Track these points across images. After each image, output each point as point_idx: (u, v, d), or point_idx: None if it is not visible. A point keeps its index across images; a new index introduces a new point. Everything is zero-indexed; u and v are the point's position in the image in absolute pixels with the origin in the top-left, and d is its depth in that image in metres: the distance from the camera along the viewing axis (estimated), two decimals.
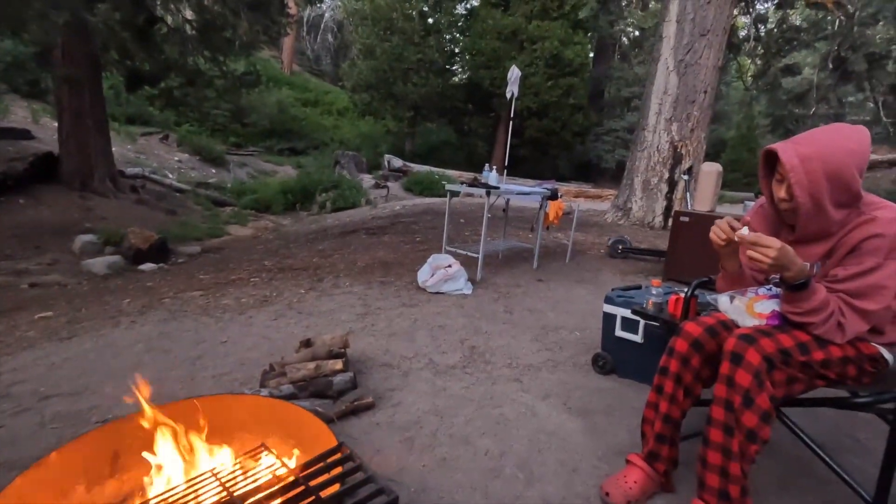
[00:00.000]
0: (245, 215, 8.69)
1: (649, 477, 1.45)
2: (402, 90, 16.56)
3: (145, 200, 7.83)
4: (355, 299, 3.25)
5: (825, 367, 1.27)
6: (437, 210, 7.48)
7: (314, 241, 5.63)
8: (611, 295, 2.34)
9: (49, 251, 5.18)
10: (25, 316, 3.04)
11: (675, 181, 6.80)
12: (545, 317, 3.11)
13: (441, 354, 2.46)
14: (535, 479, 1.55)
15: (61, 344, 2.51)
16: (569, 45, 16.39)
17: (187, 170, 11.42)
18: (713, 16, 6.51)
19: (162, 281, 4.03)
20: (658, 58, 6.90)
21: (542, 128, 16.98)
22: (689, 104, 6.68)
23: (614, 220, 7.26)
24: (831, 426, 1.96)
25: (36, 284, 4.18)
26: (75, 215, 6.31)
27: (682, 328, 1.44)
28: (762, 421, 1.19)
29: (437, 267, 3.50)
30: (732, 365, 1.23)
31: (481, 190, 3.71)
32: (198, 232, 6.82)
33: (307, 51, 27.55)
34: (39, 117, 9.67)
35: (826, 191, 1.23)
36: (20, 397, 1.95)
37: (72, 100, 6.83)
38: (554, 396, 2.09)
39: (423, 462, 1.61)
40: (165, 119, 13.39)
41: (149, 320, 2.86)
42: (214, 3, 6.71)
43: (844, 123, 1.32)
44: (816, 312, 1.24)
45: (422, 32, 16.84)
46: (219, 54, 7.41)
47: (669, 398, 1.43)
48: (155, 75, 7.50)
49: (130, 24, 5.97)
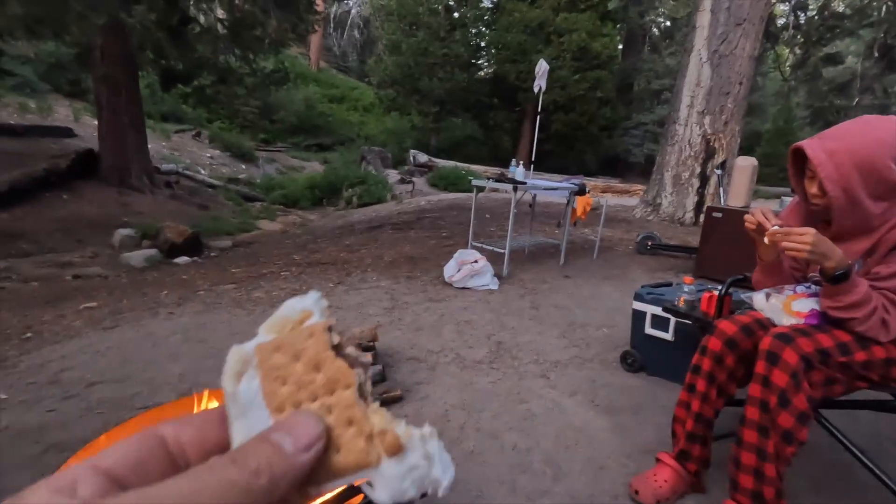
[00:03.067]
0: (274, 210, 8.87)
1: (680, 476, 1.43)
2: (428, 85, 16.58)
3: (179, 196, 8.08)
4: (382, 294, 3.29)
5: (867, 368, 1.23)
6: (463, 205, 7.48)
7: (341, 236, 5.71)
8: (640, 292, 2.31)
9: (90, 244, 5.41)
10: (71, 306, 3.18)
11: (708, 176, 6.61)
12: (572, 313, 3.08)
13: (468, 349, 2.47)
14: (563, 474, 1.55)
15: (105, 333, 2.62)
16: (597, 37, 16.10)
17: (218, 166, 11.72)
18: (749, 4, 6.28)
19: (196, 274, 4.17)
20: (691, 48, 6.71)
21: (568, 122, 16.75)
22: (722, 96, 6.48)
23: (643, 216, 7.12)
24: (872, 430, 1.89)
25: (79, 276, 4.38)
26: (114, 210, 6.57)
27: (717, 326, 1.42)
28: (799, 422, 1.16)
29: (463, 262, 3.51)
30: (768, 364, 1.20)
31: (508, 185, 3.70)
32: (229, 226, 7.01)
33: (334, 47, 27.82)
34: (80, 115, 10.06)
35: (859, 183, 1.19)
36: (68, 383, 2.05)
37: (110, 99, 7.09)
38: (581, 393, 2.08)
39: (451, 455, 1.61)
40: (198, 116, 13.76)
41: (185, 312, 2.96)
42: (245, 1, 6.86)
43: (874, 115, 1.28)
44: (859, 307, 1.20)
45: (447, 27, 16.80)
46: (249, 52, 7.58)
47: (702, 397, 1.41)
48: (188, 74, 7.73)
49: (165, 24, 6.15)
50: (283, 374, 0.24)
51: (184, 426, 0.24)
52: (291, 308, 0.26)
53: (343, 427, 0.23)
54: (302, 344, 0.24)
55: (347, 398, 0.23)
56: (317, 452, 0.22)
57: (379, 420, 0.23)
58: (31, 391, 1.98)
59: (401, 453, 0.23)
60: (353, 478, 0.23)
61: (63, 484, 0.19)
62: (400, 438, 0.23)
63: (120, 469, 0.20)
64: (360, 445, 0.22)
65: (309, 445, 0.21)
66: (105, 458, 0.21)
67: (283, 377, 0.24)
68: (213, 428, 0.24)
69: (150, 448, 0.22)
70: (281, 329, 0.25)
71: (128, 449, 0.22)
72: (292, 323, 0.25)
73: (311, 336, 0.24)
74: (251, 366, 0.24)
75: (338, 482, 0.23)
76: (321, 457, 0.22)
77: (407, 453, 0.23)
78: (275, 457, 0.21)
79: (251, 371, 0.24)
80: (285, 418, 0.23)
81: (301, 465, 0.21)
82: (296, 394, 0.23)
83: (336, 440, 0.22)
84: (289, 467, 0.21)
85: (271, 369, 0.24)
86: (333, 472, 0.22)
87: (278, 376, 0.24)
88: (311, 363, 0.24)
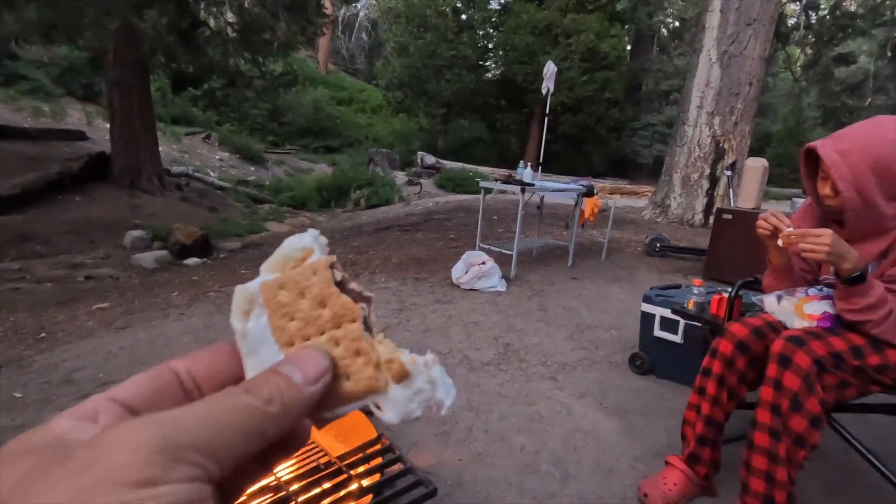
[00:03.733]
0: (282, 212, 8.93)
1: (689, 479, 1.42)
2: (436, 87, 16.61)
3: (189, 198, 8.16)
4: (390, 295, 3.30)
5: (881, 371, 1.22)
6: (470, 207, 7.48)
7: (349, 238, 5.74)
8: (649, 294, 2.30)
9: (102, 246, 5.48)
10: (83, 307, 3.23)
11: (717, 177, 6.57)
12: (580, 315, 3.07)
13: (475, 351, 2.48)
14: (571, 477, 1.55)
15: (117, 334, 2.66)
16: (605, 38, 16.05)
17: (228, 168, 11.82)
18: (759, 4, 6.24)
19: (206, 275, 4.21)
20: (700, 49, 6.67)
21: (576, 123, 16.71)
22: (732, 97, 6.44)
23: (652, 218, 7.08)
24: (886, 434, 1.87)
25: (91, 277, 4.43)
26: (125, 212, 6.65)
27: (727, 329, 1.41)
28: (811, 426, 1.15)
29: (471, 264, 3.51)
30: (780, 367, 1.19)
31: (515, 187, 3.70)
32: (238, 228, 7.06)
33: (342, 50, 27.98)
34: (93, 119, 10.20)
35: (873, 184, 1.18)
36: (81, 383, 2.08)
37: (122, 102, 7.19)
38: (589, 395, 2.07)
39: (459, 456, 1.63)
40: (208, 119, 13.90)
41: (196, 312, 2.99)
42: (254, 5, 6.92)
43: (887, 115, 1.26)
44: (874, 309, 1.18)
45: (455, 29, 16.83)
46: (258, 55, 7.64)
47: (712, 400, 1.40)
48: (198, 77, 7.81)
49: (176, 29, 6.23)
50: (289, 310, 0.25)
51: (196, 361, 0.25)
52: (292, 246, 0.26)
53: (352, 357, 0.24)
54: (306, 281, 0.25)
55: (354, 330, 0.24)
56: (324, 385, 0.23)
57: (385, 349, 0.24)
58: (45, 390, 2.01)
59: (407, 379, 0.24)
60: (364, 402, 0.24)
61: (84, 412, 0.20)
62: (405, 365, 0.24)
63: (137, 400, 0.22)
64: (369, 373, 0.24)
65: (317, 378, 0.23)
66: (122, 391, 0.22)
67: (290, 313, 0.24)
68: (224, 362, 0.25)
69: (165, 381, 0.23)
70: (283, 268, 0.26)
71: (144, 382, 0.23)
72: (294, 261, 0.26)
73: (314, 273, 0.25)
74: (257, 304, 0.25)
75: (350, 406, 0.24)
76: (333, 385, 0.23)
77: (412, 378, 0.24)
78: (286, 387, 0.22)
79: (258, 309, 0.25)
80: (294, 353, 0.24)
81: (310, 395, 0.22)
82: (304, 328, 0.24)
83: (346, 369, 0.24)
84: (298, 397, 0.22)
85: (278, 306, 0.25)
86: (345, 398, 0.24)
87: (286, 313, 0.25)
88: (316, 299, 0.24)
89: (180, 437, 0.18)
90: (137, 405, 0.21)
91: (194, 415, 0.19)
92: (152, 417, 0.18)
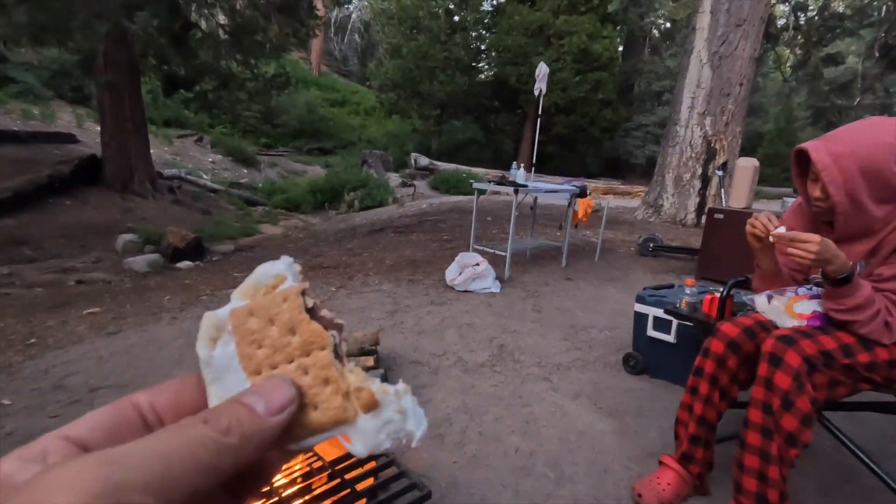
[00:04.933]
0: (276, 214, 8.90)
1: (683, 479, 1.43)
2: (429, 89, 16.62)
3: (181, 201, 8.10)
4: (384, 297, 3.30)
5: (870, 370, 1.23)
6: (464, 208, 7.49)
7: (343, 240, 5.72)
8: (642, 294, 2.31)
9: (93, 250, 5.43)
10: (74, 312, 3.20)
11: (709, 177, 6.61)
12: (574, 316, 3.08)
13: (470, 352, 2.47)
14: (566, 478, 1.55)
15: (108, 338, 2.63)
16: (597, 39, 16.13)
17: (220, 170, 11.76)
18: (749, 5, 6.29)
19: (199, 278, 4.18)
20: (691, 50, 6.72)
21: (569, 124, 16.78)
22: (723, 97, 6.49)
23: (645, 218, 7.11)
24: (877, 432, 1.88)
25: (82, 281, 4.39)
26: (117, 215, 6.59)
27: (718, 328, 1.42)
28: (802, 424, 1.16)
29: (465, 265, 3.51)
30: (771, 366, 1.20)
31: (509, 188, 3.70)
32: (231, 231, 7.02)
33: (335, 51, 27.94)
34: (84, 122, 10.11)
35: (863, 187, 1.19)
36: (73, 389, 2.06)
37: (113, 105, 7.13)
38: (584, 396, 2.08)
39: (454, 459, 1.62)
40: (200, 122, 13.82)
41: (188, 316, 2.97)
42: (246, 7, 6.90)
43: (879, 116, 1.27)
44: (861, 309, 1.20)
45: (448, 30, 16.85)
46: (250, 57, 7.61)
47: (704, 400, 1.40)
48: (190, 79, 7.76)
49: (167, 31, 6.19)
50: (258, 337, 0.24)
51: (159, 392, 0.24)
52: (264, 273, 0.26)
53: (320, 386, 0.23)
54: (276, 308, 0.24)
55: (323, 358, 0.24)
56: (289, 415, 0.22)
57: (354, 378, 0.24)
58: (35, 396, 1.99)
59: (376, 409, 0.23)
60: (332, 433, 0.23)
61: (33, 453, 0.19)
62: (375, 395, 0.23)
63: (92, 436, 0.20)
64: (338, 402, 0.23)
65: (281, 408, 0.22)
66: (76, 428, 0.21)
67: (258, 341, 0.24)
68: (189, 393, 0.24)
69: (124, 415, 0.22)
70: (254, 294, 0.25)
71: (100, 417, 0.21)
72: (265, 288, 0.25)
73: (285, 300, 0.24)
74: (226, 331, 0.24)
75: (317, 438, 0.23)
76: (299, 415, 0.23)
77: (382, 408, 0.23)
78: (246, 417, 0.21)
79: (226, 336, 0.24)
80: (259, 382, 0.23)
81: (273, 426, 0.21)
82: (272, 356, 0.24)
83: (313, 398, 0.23)
84: (259, 428, 0.21)
85: (246, 333, 0.24)
86: (313, 429, 0.23)
87: (254, 340, 0.24)
88: (286, 326, 0.24)
89: (126, 477, 0.16)
90: (93, 443, 0.20)
91: (144, 450, 0.18)
92: (97, 456, 0.17)
